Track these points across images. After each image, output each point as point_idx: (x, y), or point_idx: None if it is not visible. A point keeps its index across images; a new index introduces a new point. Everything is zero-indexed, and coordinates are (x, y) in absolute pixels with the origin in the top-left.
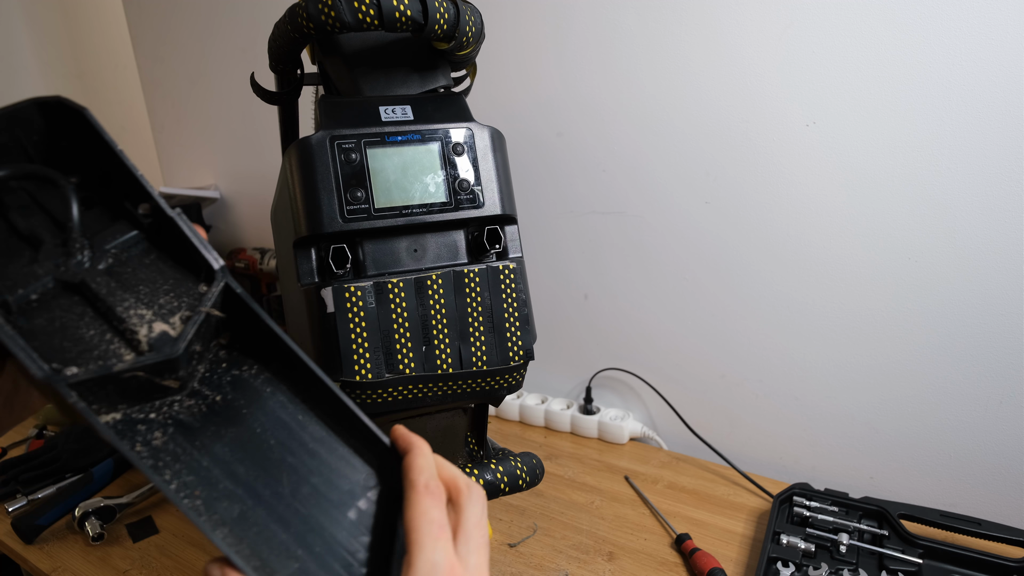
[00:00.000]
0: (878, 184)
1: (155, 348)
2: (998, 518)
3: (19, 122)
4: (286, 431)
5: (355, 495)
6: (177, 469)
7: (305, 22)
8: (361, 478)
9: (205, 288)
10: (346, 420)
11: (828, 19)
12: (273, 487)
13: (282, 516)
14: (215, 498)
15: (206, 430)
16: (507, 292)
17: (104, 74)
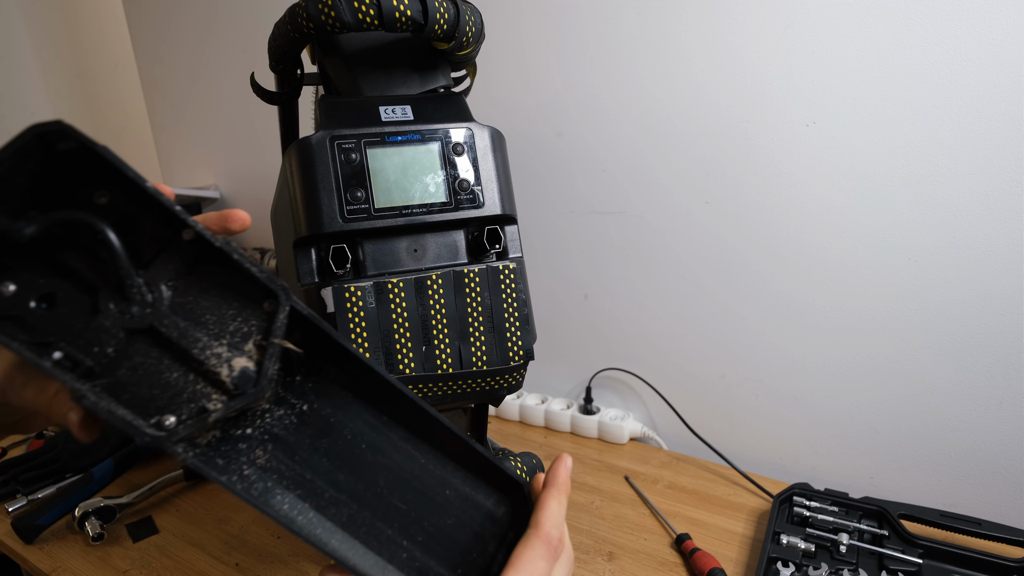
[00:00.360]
0: (878, 184)
1: (239, 387)
2: (998, 518)
3: (29, 156)
4: (374, 432)
5: (445, 484)
6: (285, 487)
7: (305, 22)
8: (447, 473)
9: (269, 306)
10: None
11: (828, 19)
12: (372, 488)
13: (385, 513)
14: (323, 507)
15: (302, 443)
16: (507, 292)
17: (104, 74)
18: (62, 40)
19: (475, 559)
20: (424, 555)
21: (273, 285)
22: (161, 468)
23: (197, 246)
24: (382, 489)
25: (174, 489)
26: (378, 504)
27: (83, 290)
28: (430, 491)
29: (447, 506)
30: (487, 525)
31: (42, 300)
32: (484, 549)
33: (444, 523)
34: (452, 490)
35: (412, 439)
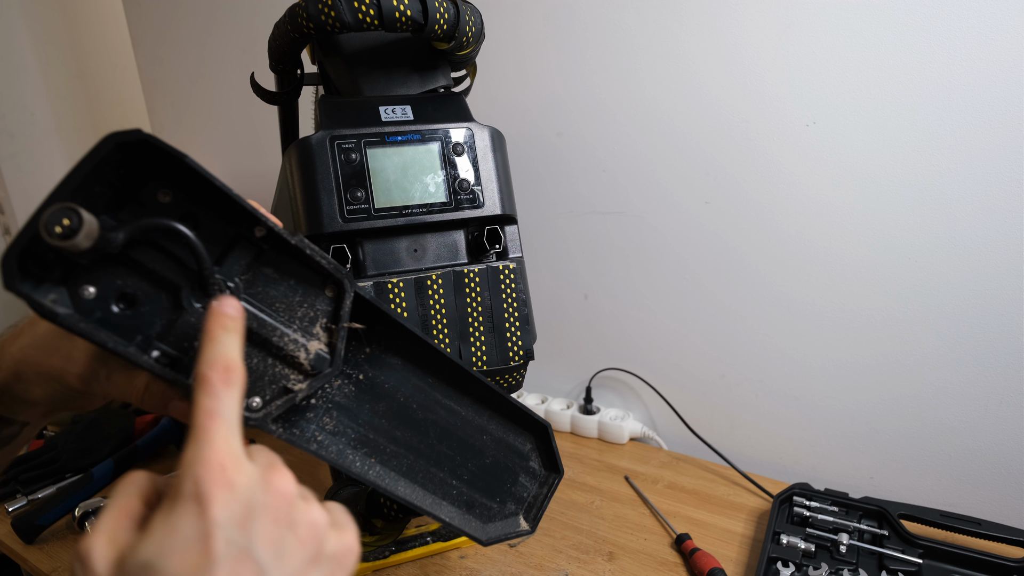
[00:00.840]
0: (878, 184)
1: (316, 367)
2: (998, 518)
3: (108, 165)
4: (421, 394)
5: (483, 431)
6: (353, 447)
7: (305, 22)
8: (483, 421)
9: (331, 292)
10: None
11: (828, 19)
12: (425, 440)
13: (437, 460)
14: (386, 460)
15: (362, 408)
16: (507, 292)
17: (104, 74)
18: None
19: (508, 488)
20: (470, 490)
21: (339, 274)
22: (161, 468)
23: (269, 242)
24: (432, 440)
25: None
26: (430, 453)
27: (162, 288)
28: (471, 438)
29: (485, 449)
30: (517, 460)
31: (122, 300)
32: (516, 479)
33: (483, 463)
34: (488, 435)
35: (453, 395)
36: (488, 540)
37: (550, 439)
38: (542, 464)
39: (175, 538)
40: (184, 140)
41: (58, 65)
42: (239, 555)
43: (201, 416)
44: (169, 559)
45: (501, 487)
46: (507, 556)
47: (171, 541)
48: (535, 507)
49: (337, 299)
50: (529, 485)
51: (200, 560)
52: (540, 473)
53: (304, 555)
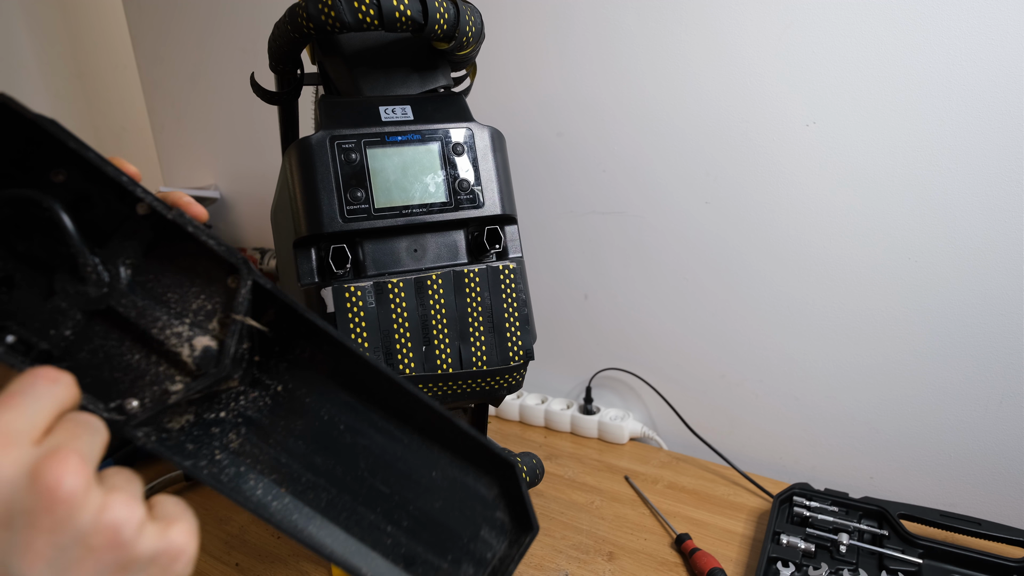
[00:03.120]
0: (878, 184)
1: (202, 367)
2: (998, 518)
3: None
4: (352, 413)
5: (432, 465)
6: (259, 471)
7: (305, 22)
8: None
9: (232, 282)
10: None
11: (828, 19)
12: (352, 471)
13: (367, 497)
14: (300, 492)
15: (276, 425)
16: (507, 292)
17: (104, 74)
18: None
19: (465, 543)
20: (410, 540)
21: (233, 259)
22: (161, 468)
23: (153, 221)
24: (363, 472)
25: (174, 489)
26: (359, 488)
27: (40, 272)
28: (415, 473)
29: (434, 488)
30: (478, 507)
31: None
32: (476, 533)
33: (431, 506)
34: (438, 471)
35: (393, 419)
36: None
37: (518, 482)
38: (511, 516)
39: None
40: (184, 140)
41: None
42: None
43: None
44: None
45: (455, 542)
46: None
47: None
48: (500, 573)
49: (236, 289)
50: (494, 543)
51: None
52: (509, 527)
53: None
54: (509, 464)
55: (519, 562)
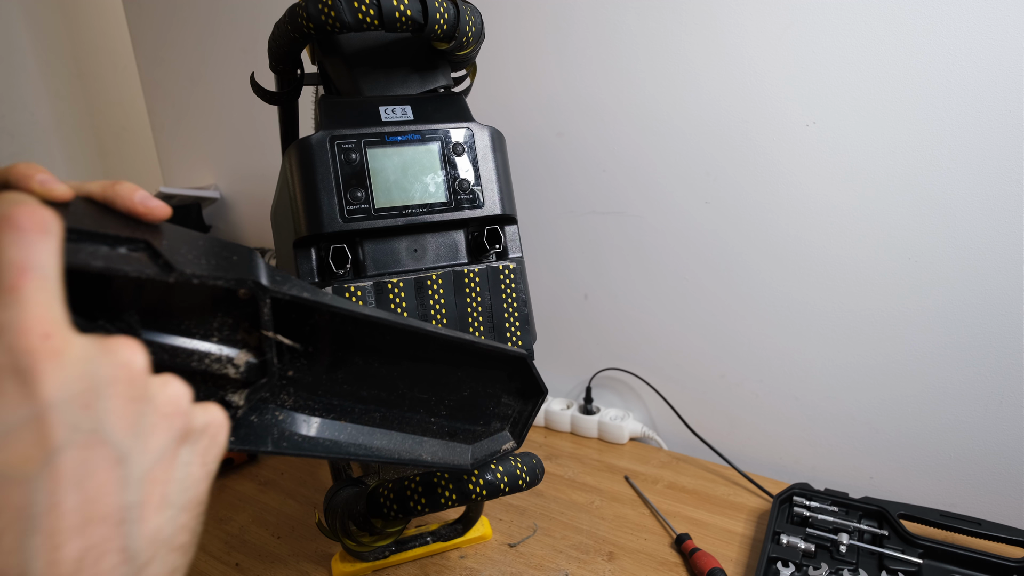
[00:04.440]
0: (878, 184)
1: (250, 377)
2: (998, 518)
3: None
4: (380, 354)
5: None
6: (320, 415)
7: (305, 22)
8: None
9: (244, 294)
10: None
11: (828, 19)
12: (394, 391)
13: (412, 405)
14: (357, 418)
15: (320, 379)
16: (507, 292)
17: (104, 74)
18: (62, 40)
19: (491, 410)
20: (451, 421)
21: (246, 286)
22: None
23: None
24: (403, 389)
25: None
26: (402, 401)
27: None
28: (444, 377)
29: (461, 383)
30: (498, 385)
31: None
32: (498, 401)
33: (461, 395)
34: (462, 370)
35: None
36: (475, 462)
37: (529, 368)
38: (524, 386)
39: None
40: (184, 140)
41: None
42: (87, 440)
43: (10, 272)
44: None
45: (484, 411)
46: (507, 556)
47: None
48: (520, 423)
49: (254, 302)
50: (514, 405)
51: (32, 451)
52: (523, 392)
53: (170, 433)
54: (520, 357)
55: (535, 414)
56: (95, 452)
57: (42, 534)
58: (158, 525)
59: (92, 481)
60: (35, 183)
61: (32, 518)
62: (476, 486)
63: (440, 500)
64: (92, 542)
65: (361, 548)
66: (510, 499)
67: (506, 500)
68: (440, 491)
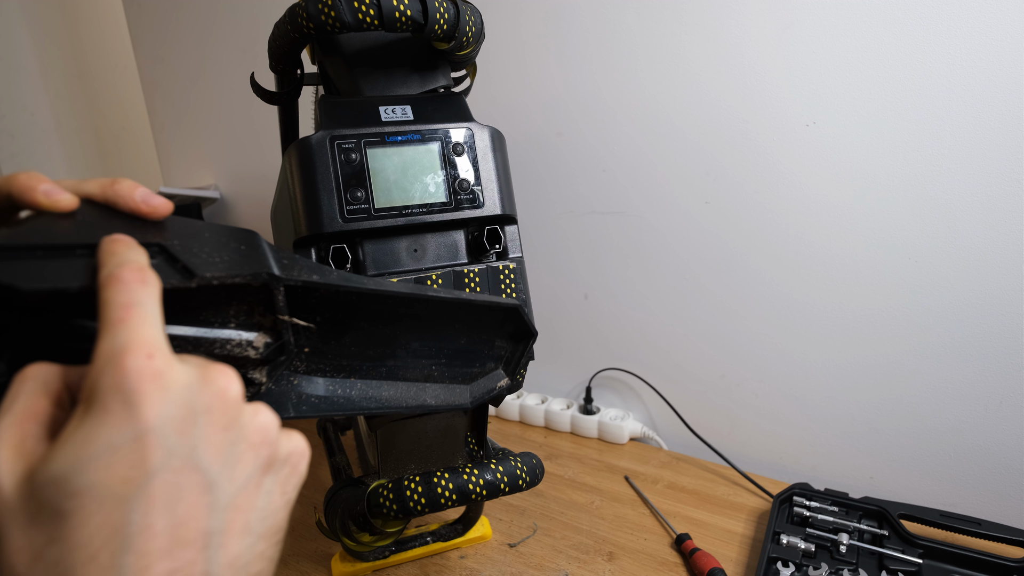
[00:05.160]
0: (878, 184)
1: (269, 356)
2: (998, 518)
3: None
4: (384, 317)
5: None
6: (331, 375)
7: (305, 22)
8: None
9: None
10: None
11: (828, 19)
12: (399, 347)
13: (415, 355)
14: (366, 373)
15: (328, 345)
16: (507, 292)
17: (104, 74)
18: (62, 40)
19: (486, 352)
20: (450, 366)
21: (258, 280)
22: None
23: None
24: (407, 343)
25: None
26: (406, 354)
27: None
28: (444, 330)
29: (459, 333)
30: (492, 331)
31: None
32: (492, 344)
33: (459, 343)
34: (459, 322)
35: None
36: (474, 400)
37: (522, 315)
38: (517, 330)
39: (98, 446)
40: (184, 140)
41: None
42: (181, 465)
43: (116, 310)
44: (93, 471)
45: (479, 355)
46: (507, 556)
47: (93, 449)
48: (513, 362)
49: (267, 289)
50: (507, 346)
51: (131, 473)
52: (515, 335)
53: (257, 462)
54: (514, 307)
55: (525, 354)
56: (187, 478)
57: (135, 553)
58: (238, 552)
59: (182, 505)
60: (39, 195)
61: (127, 537)
62: (476, 486)
63: (440, 500)
64: (178, 565)
65: (361, 548)
66: (510, 499)
67: (506, 500)
68: (440, 491)
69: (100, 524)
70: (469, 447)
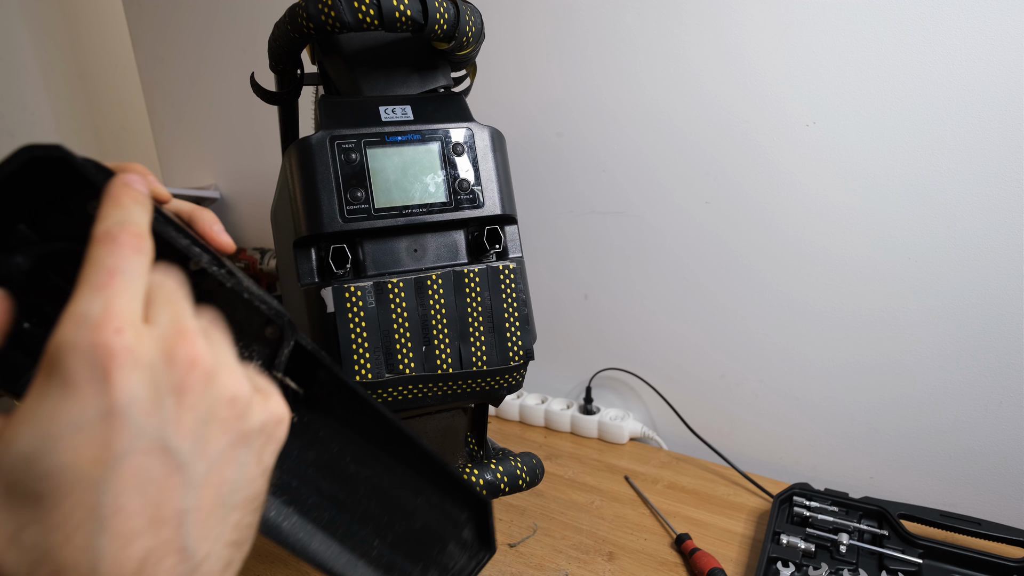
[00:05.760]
0: (878, 184)
1: None
2: (998, 518)
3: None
4: (358, 447)
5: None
6: (272, 492)
7: (305, 22)
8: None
9: (271, 333)
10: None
11: (828, 19)
12: (353, 495)
13: (362, 517)
14: (306, 511)
15: (291, 454)
16: (507, 292)
17: (104, 74)
18: (62, 40)
19: (435, 555)
20: (392, 552)
21: (280, 321)
22: None
23: (201, 278)
24: (361, 497)
25: None
26: (356, 509)
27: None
28: (404, 499)
29: (416, 511)
30: (450, 528)
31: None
32: (444, 547)
33: (412, 526)
34: (423, 497)
35: (392, 454)
36: None
37: (488, 516)
38: (476, 536)
39: (63, 422)
40: (184, 140)
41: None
42: (149, 447)
43: (100, 274)
44: (60, 452)
45: (427, 553)
46: (507, 556)
47: (58, 427)
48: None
49: (276, 342)
50: (458, 555)
51: (99, 454)
52: (472, 545)
53: (228, 438)
54: (483, 502)
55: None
56: (156, 459)
57: (110, 534)
58: (212, 524)
59: (153, 486)
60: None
61: (101, 519)
62: (476, 486)
63: None
64: (154, 544)
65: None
66: (510, 499)
67: (506, 500)
68: None
69: (72, 506)
70: (469, 447)
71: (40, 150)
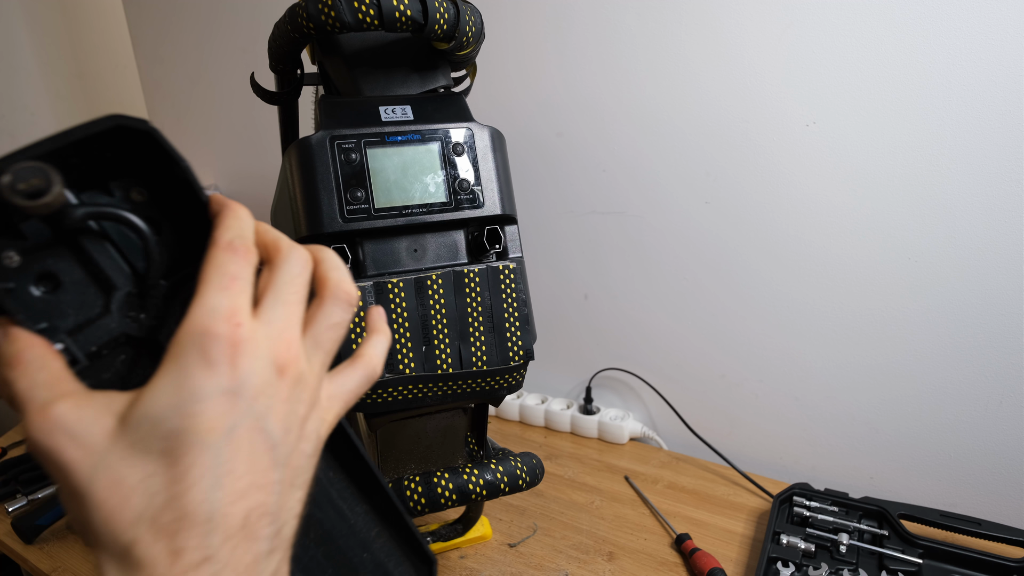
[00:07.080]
0: (878, 184)
1: None
2: (998, 518)
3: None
4: (318, 487)
5: (365, 548)
6: None
7: (305, 22)
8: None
9: None
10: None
11: (828, 19)
12: (303, 540)
13: (307, 566)
14: None
15: None
16: (507, 292)
17: (104, 74)
18: (62, 40)
19: None
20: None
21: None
22: None
23: None
24: (310, 542)
25: None
26: (302, 555)
27: (94, 283)
28: (350, 551)
29: (360, 567)
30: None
31: (44, 281)
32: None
33: None
34: (369, 554)
35: (350, 497)
36: None
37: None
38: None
39: (194, 391)
40: (184, 140)
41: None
42: (253, 425)
43: (224, 278)
44: (184, 416)
45: None
46: (507, 556)
47: (189, 394)
48: None
49: None
50: None
51: (215, 423)
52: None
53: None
54: (429, 559)
55: None
56: (258, 436)
57: (223, 490)
58: (288, 497)
59: (255, 458)
60: None
61: (217, 477)
62: (476, 486)
63: (440, 500)
64: (254, 504)
65: None
66: (510, 499)
67: (506, 500)
68: (440, 491)
69: (190, 464)
70: (469, 447)
71: (128, 120)
